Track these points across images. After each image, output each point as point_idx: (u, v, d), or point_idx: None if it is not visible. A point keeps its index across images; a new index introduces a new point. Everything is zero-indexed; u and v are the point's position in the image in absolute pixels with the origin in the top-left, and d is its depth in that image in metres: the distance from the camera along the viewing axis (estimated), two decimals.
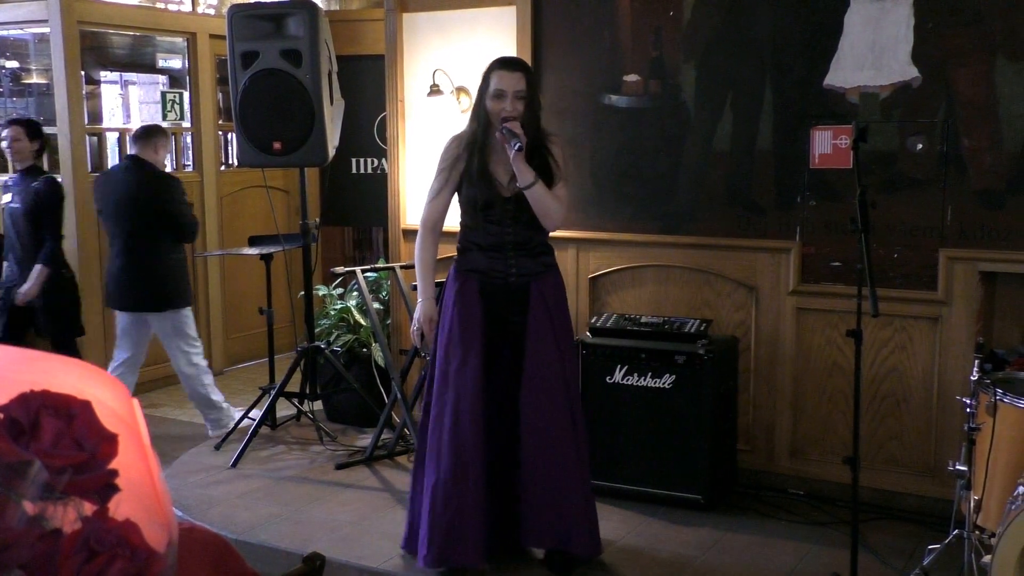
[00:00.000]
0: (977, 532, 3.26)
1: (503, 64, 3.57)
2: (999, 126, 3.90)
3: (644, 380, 4.22)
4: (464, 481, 3.51)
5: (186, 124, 6.53)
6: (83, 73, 6.00)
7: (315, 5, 4.84)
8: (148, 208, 5.05)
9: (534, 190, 3.46)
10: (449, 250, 3.85)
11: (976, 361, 3.41)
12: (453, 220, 3.75)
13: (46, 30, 5.82)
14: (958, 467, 3.29)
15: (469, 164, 3.55)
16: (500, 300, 3.58)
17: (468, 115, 4.84)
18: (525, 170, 3.46)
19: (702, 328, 4.24)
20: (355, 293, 5.48)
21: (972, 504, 3.25)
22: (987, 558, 2.93)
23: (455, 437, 3.53)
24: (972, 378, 3.37)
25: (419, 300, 3.67)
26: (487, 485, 3.57)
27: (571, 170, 3.77)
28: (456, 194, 3.64)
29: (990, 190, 3.94)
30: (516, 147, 3.40)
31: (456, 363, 3.55)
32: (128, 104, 7.59)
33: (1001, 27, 3.86)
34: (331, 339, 5.45)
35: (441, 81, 4.92)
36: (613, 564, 3.73)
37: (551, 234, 3.70)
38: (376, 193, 5.90)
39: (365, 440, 5.14)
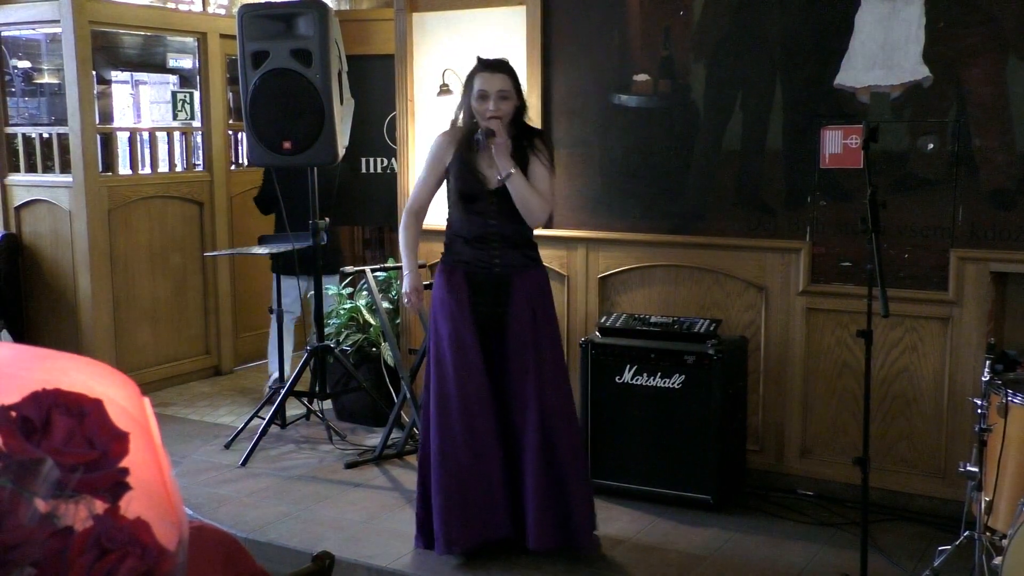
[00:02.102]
0: (988, 533, 3.25)
1: (485, 67, 3.72)
2: (1011, 126, 3.88)
3: (653, 380, 4.21)
4: (482, 457, 3.64)
5: (196, 124, 6.54)
6: (94, 73, 6.01)
7: (325, 5, 4.84)
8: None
9: (513, 181, 3.63)
10: (432, 248, 3.92)
11: (987, 362, 3.40)
12: (438, 219, 3.93)
13: (58, 30, 5.83)
14: (969, 468, 3.28)
15: (456, 158, 3.73)
16: (485, 290, 3.71)
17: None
18: (504, 161, 3.63)
19: (711, 328, 4.23)
20: (365, 292, 5.48)
21: (983, 505, 3.24)
22: (998, 559, 2.92)
23: (466, 419, 3.63)
24: (983, 379, 3.36)
25: (404, 274, 3.88)
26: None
27: (567, 170, 3.94)
28: (446, 185, 3.82)
29: (1001, 190, 3.92)
30: (488, 142, 3.62)
31: (448, 343, 3.67)
32: (139, 104, 7.63)
33: (1013, 26, 3.84)
34: (341, 338, 5.46)
35: (451, 81, 4.92)
36: (622, 564, 3.73)
37: (558, 233, 3.74)
38: (385, 193, 5.90)
39: (374, 439, 5.14)
